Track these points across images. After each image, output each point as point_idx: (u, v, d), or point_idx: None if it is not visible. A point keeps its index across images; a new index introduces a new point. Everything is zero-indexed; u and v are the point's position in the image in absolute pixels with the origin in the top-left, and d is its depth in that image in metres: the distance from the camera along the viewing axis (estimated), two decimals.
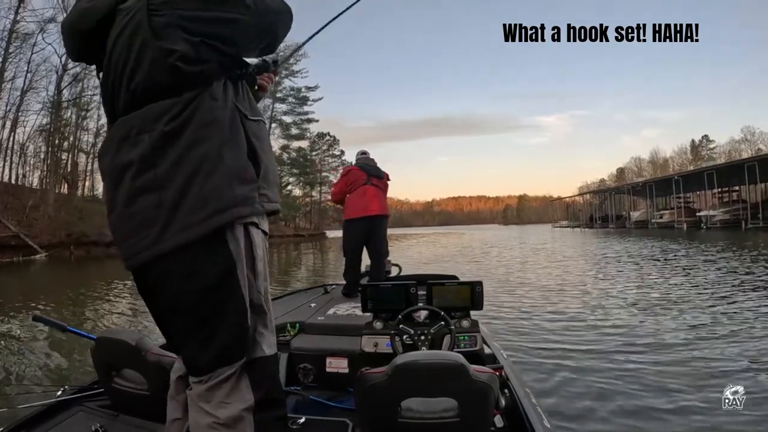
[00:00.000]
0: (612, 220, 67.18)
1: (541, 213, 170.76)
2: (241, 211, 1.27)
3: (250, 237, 1.32)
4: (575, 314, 7.09)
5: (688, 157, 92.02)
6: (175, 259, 1.24)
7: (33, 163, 38.51)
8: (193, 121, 1.25)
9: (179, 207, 1.22)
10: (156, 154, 1.24)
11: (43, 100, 35.86)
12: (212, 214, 1.23)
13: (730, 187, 50.66)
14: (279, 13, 1.38)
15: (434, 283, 2.78)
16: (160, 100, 1.26)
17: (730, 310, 6.91)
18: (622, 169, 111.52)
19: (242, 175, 1.30)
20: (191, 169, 1.23)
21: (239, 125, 1.33)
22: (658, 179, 60.94)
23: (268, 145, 1.45)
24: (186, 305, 1.28)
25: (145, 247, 1.24)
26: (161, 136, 1.23)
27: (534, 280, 11.29)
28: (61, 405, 2.21)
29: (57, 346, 5.92)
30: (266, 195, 1.36)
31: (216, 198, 1.23)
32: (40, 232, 29.04)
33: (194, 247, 1.23)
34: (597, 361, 4.69)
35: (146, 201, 1.24)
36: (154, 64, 1.24)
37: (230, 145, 1.28)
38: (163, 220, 1.22)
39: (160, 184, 1.23)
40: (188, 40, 1.23)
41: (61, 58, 35.08)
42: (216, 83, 1.31)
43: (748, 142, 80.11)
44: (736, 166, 42.80)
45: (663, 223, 52.31)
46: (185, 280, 1.25)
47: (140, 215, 1.25)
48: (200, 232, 1.22)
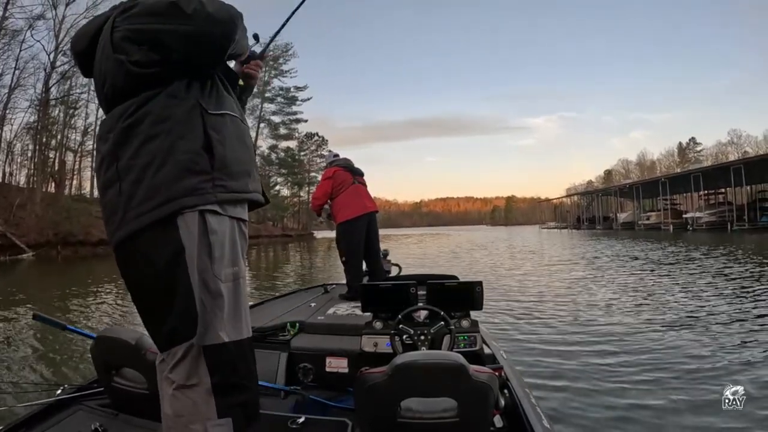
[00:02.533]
0: (599, 222, 67.43)
1: (529, 214, 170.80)
2: (188, 200, 1.34)
3: (206, 224, 1.37)
4: (574, 316, 7.15)
5: (676, 160, 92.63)
6: (132, 244, 1.36)
7: (20, 162, 38.22)
8: (148, 118, 1.38)
9: (134, 197, 1.34)
10: (118, 149, 1.39)
11: (31, 97, 35.55)
12: (162, 203, 1.32)
13: (716, 189, 51.07)
14: (223, 23, 1.42)
15: (434, 283, 2.80)
16: (124, 101, 1.42)
17: (731, 311, 6.98)
18: (609, 171, 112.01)
19: (192, 167, 1.37)
20: (145, 162, 1.35)
21: (197, 119, 1.42)
22: (645, 181, 61.30)
23: (234, 136, 1.51)
24: (143, 288, 1.42)
25: (111, 234, 1.40)
26: (121, 133, 1.39)
27: (528, 285, 11.27)
28: (61, 404, 2.19)
29: (56, 344, 5.91)
30: (223, 185, 1.41)
31: (165, 188, 1.33)
32: (27, 232, 28.70)
33: (147, 233, 1.34)
34: (597, 362, 4.74)
35: (112, 191, 1.39)
36: (114, 71, 1.43)
37: (184, 139, 1.38)
38: (122, 209, 1.36)
39: (120, 176, 1.37)
40: (138, 48, 1.40)
41: (50, 55, 34.85)
42: (177, 82, 1.43)
43: (735, 145, 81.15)
44: (723, 168, 43.17)
45: (650, 224, 52.60)
46: (141, 264, 1.37)
47: (109, 204, 1.40)
48: (150, 219, 1.32)
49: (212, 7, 1.39)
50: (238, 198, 1.47)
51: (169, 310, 1.35)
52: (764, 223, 39.33)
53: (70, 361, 5.30)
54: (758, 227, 37.34)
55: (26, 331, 6.82)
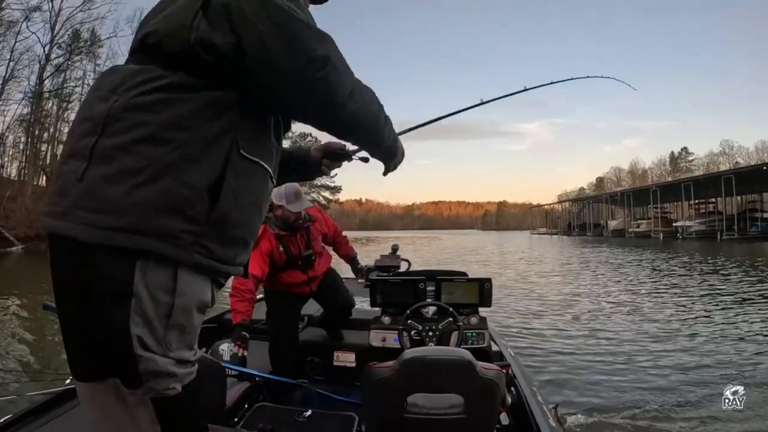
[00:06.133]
0: (590, 228, 67.83)
1: (520, 219, 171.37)
2: (157, 245, 0.98)
3: (176, 280, 1.03)
4: (579, 319, 7.26)
5: (667, 169, 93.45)
6: (69, 247, 1.00)
7: (12, 154, 37.81)
8: (166, 112, 1.02)
9: (92, 196, 0.98)
10: (109, 123, 1.01)
11: (25, 89, 35.14)
12: (123, 228, 0.97)
13: (706, 198, 51.60)
14: (359, 126, 1.20)
15: (443, 279, 2.81)
16: (156, 64, 1.06)
17: (730, 315, 7.16)
18: (601, 179, 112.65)
19: (182, 207, 1.01)
20: (130, 165, 0.99)
21: (222, 152, 1.06)
22: (636, 189, 61.79)
23: (253, 195, 1.15)
24: (64, 299, 1.05)
25: (48, 212, 1.03)
26: (124, 106, 1.02)
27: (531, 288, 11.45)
28: (69, 393, 2.18)
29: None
30: (207, 247, 1.05)
31: (137, 213, 0.97)
32: (17, 225, 28.46)
33: (94, 250, 0.98)
34: (602, 361, 4.83)
35: (74, 166, 1.01)
36: (178, 24, 1.06)
37: (193, 165, 1.02)
38: (73, 199, 0.99)
39: (92, 158, 1.00)
40: (226, 33, 1.03)
41: (45, 47, 34.52)
42: (226, 93, 1.06)
43: (727, 155, 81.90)
44: (714, 178, 43.60)
45: (640, 232, 52.98)
46: (73, 278, 1.02)
47: (62, 177, 1.04)
48: (101, 239, 0.97)
49: (361, 106, 1.16)
50: (216, 269, 1.09)
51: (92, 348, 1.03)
52: (754, 233, 39.77)
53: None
54: (748, 237, 37.73)
55: (34, 322, 6.85)
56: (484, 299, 2.80)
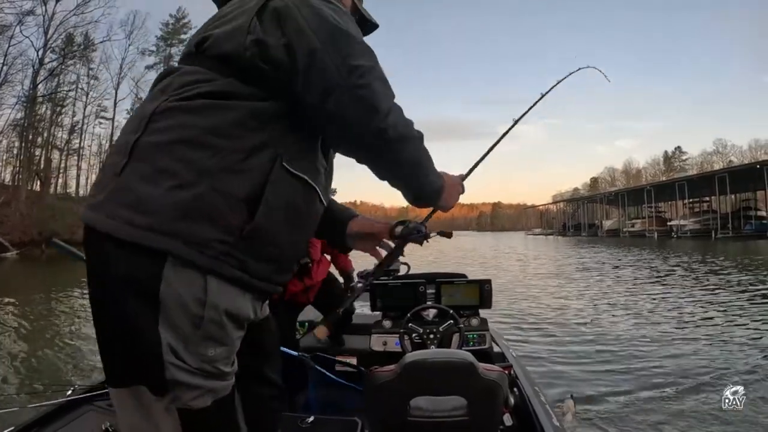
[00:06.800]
0: (584, 229, 68.08)
1: (515, 220, 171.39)
2: (179, 247, 0.95)
3: (206, 290, 0.98)
4: (578, 317, 7.33)
5: (661, 168, 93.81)
6: (96, 239, 0.99)
7: (5, 159, 37.65)
8: (210, 118, 1.01)
9: (127, 191, 0.97)
10: (152, 120, 1.01)
11: (18, 94, 34.96)
12: (149, 227, 0.94)
13: (701, 197, 51.83)
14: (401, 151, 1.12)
15: (443, 282, 2.82)
16: (206, 67, 1.06)
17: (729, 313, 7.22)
18: (595, 179, 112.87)
19: (216, 215, 0.98)
20: (166, 165, 0.97)
21: (263, 163, 1.02)
22: (630, 189, 62.19)
23: (295, 213, 1.10)
24: (94, 293, 1.02)
25: (88, 204, 1.03)
26: (169, 107, 1.01)
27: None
28: (71, 404, 2.15)
29: (65, 345, 5.95)
30: (240, 260, 1.01)
31: (165, 214, 0.95)
32: (12, 230, 28.33)
33: (123, 246, 0.95)
34: (605, 362, 4.84)
35: (116, 159, 1.01)
36: (231, 29, 1.07)
37: (232, 175, 0.99)
38: (108, 191, 0.99)
39: (131, 154, 0.99)
40: (278, 37, 1.03)
41: (38, 51, 34.44)
42: (273, 104, 1.04)
43: (720, 154, 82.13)
44: (708, 177, 43.93)
45: (634, 231, 53.22)
46: (97, 268, 1.01)
47: (106, 167, 1.04)
48: (128, 235, 0.94)
49: (404, 124, 1.10)
50: (249, 284, 1.05)
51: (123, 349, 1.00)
52: (748, 231, 39.92)
53: (81, 363, 5.35)
54: (742, 235, 37.90)
55: (36, 334, 6.82)
56: (484, 300, 2.81)
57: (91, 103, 41.98)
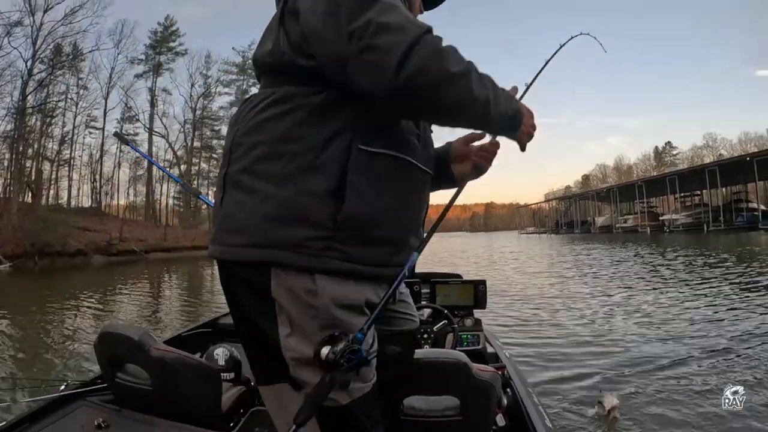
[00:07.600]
0: (577, 226, 68.28)
1: (508, 220, 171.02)
2: (283, 256, 1.00)
3: (316, 288, 1.01)
4: (574, 319, 7.28)
5: (652, 164, 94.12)
6: (221, 267, 1.14)
7: None
8: (275, 130, 1.05)
9: (229, 219, 1.09)
10: (233, 151, 1.11)
11: (8, 105, 34.73)
12: (247, 244, 1.03)
13: (692, 191, 52.11)
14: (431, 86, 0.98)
15: (438, 282, 2.83)
16: (266, 81, 1.16)
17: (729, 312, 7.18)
18: (587, 176, 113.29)
19: (304, 214, 1.01)
20: (250, 184, 1.05)
21: (340, 152, 1.03)
22: (622, 185, 62.37)
23: (391, 187, 1.09)
24: (232, 310, 1.18)
25: (212, 237, 1.16)
26: (242, 133, 1.11)
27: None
28: (64, 399, 2.14)
29: (59, 340, 6.00)
30: (342, 251, 1.01)
31: (256, 229, 1.02)
32: (4, 242, 28.03)
33: (230, 265, 1.10)
34: (599, 362, 4.82)
35: (217, 197, 1.15)
36: (267, 36, 1.17)
37: (310, 172, 1.02)
38: (217, 225, 1.13)
39: (225, 186, 1.11)
40: (297, 26, 1.07)
41: (27, 62, 34.24)
42: (328, 94, 1.05)
43: (710, 148, 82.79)
44: (698, 171, 44.22)
45: (627, 227, 53.51)
46: (225, 289, 1.16)
47: (214, 209, 1.19)
48: (235, 256, 1.06)
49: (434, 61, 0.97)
50: (360, 272, 1.04)
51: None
52: (740, 223, 40.21)
53: (72, 358, 5.37)
54: (734, 228, 38.14)
55: (29, 329, 6.82)
56: (478, 301, 2.82)
57: (80, 113, 41.91)
